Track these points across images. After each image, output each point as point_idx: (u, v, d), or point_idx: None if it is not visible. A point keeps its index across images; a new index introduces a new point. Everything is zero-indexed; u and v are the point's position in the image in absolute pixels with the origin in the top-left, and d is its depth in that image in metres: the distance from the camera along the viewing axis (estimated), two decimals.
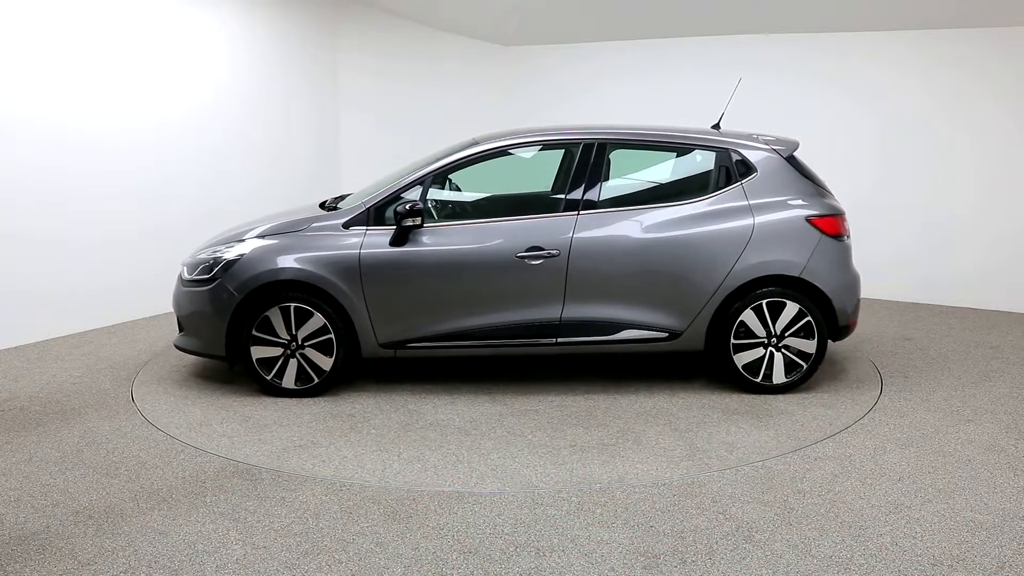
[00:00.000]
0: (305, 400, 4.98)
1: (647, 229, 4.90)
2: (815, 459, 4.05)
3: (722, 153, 5.06)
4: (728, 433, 4.38)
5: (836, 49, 8.00)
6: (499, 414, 4.73)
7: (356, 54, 8.64)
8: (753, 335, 4.95)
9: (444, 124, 9.12)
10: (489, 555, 3.14)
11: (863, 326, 6.75)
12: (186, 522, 3.39)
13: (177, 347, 5.23)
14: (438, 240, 4.91)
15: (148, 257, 6.88)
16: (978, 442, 4.28)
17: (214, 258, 5.04)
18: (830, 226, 4.96)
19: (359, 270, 4.88)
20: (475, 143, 5.15)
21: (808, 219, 4.92)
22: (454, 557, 3.13)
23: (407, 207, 4.81)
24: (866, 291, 7.66)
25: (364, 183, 6.53)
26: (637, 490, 3.70)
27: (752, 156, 5.04)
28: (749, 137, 5.16)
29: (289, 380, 5.00)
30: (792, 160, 5.08)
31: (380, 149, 8.79)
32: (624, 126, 5.30)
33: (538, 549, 3.18)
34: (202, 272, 5.04)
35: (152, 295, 6.95)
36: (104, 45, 6.39)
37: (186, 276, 5.14)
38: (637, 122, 5.60)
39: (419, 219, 4.83)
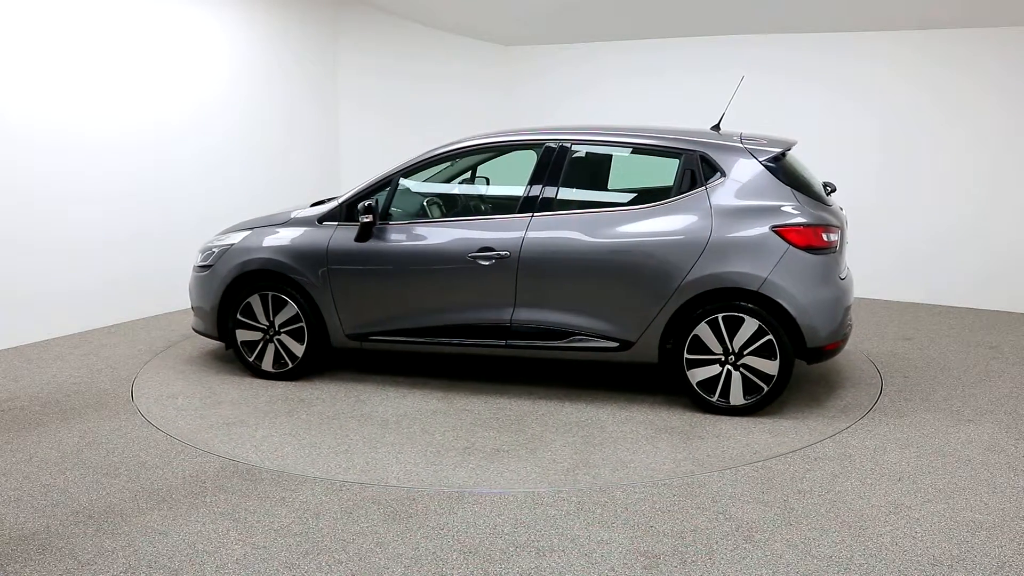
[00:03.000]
0: (277, 383, 5.26)
1: (599, 233, 4.68)
2: (815, 459, 4.05)
3: (689, 155, 4.72)
4: (634, 452, 4.13)
5: (836, 49, 8.00)
6: (432, 411, 4.76)
7: (356, 54, 8.64)
8: (709, 351, 4.59)
9: (444, 124, 9.11)
10: (489, 555, 3.14)
11: (863, 326, 6.74)
12: (186, 522, 3.39)
13: (193, 329, 5.67)
14: (399, 238, 5.05)
15: (148, 257, 6.88)
16: (978, 442, 4.28)
17: (213, 246, 5.49)
18: (801, 237, 4.49)
19: (327, 263, 5.09)
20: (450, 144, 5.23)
21: (774, 228, 4.51)
22: (454, 557, 3.13)
23: (365, 205, 4.98)
24: (866, 291, 7.69)
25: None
26: (637, 490, 3.70)
27: (721, 159, 4.68)
28: (729, 138, 4.83)
29: (268, 363, 5.31)
30: (776, 163, 4.67)
31: (380, 149, 8.79)
32: (591, 127, 5.15)
33: (538, 549, 3.18)
34: (204, 259, 5.49)
35: (152, 295, 6.96)
36: (104, 46, 6.38)
37: (196, 262, 5.59)
38: (627, 123, 5.44)
39: (371, 216, 4.99)
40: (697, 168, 4.70)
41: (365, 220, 5.00)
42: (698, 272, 4.54)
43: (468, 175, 5.73)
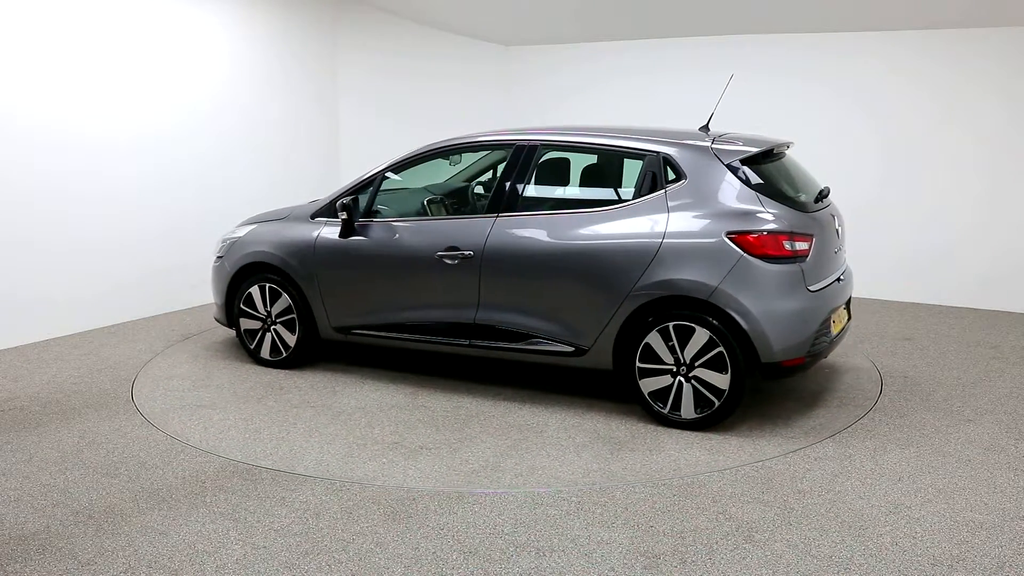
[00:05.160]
0: (271, 370, 5.52)
1: (557, 236, 4.62)
2: (815, 459, 4.05)
3: (651, 157, 4.55)
4: (552, 459, 4.05)
5: (836, 49, 7.99)
6: (392, 405, 4.85)
7: (356, 54, 8.64)
8: (661, 360, 4.42)
9: (444, 125, 9.09)
10: (489, 555, 3.14)
11: (863, 326, 6.74)
12: (186, 522, 3.40)
13: (214, 318, 5.97)
14: (377, 235, 5.17)
15: (148, 258, 6.88)
16: (978, 442, 4.28)
17: (227, 238, 5.81)
18: (758, 245, 4.22)
19: (314, 257, 5.29)
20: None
21: (729, 235, 4.27)
22: (454, 557, 3.13)
23: (341, 203, 5.14)
24: (866, 291, 7.69)
25: None
26: (637, 490, 3.70)
27: (683, 161, 4.47)
28: (700, 138, 4.65)
29: (265, 351, 5.59)
30: (747, 165, 4.45)
31: (380, 148, 8.78)
32: (562, 127, 5.12)
33: (538, 549, 3.18)
34: (219, 251, 5.81)
35: (152, 295, 6.96)
36: (104, 47, 6.38)
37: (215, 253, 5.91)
38: (615, 124, 5.40)
39: (346, 214, 5.13)
40: (659, 170, 4.51)
41: (343, 218, 5.16)
42: (649, 278, 4.36)
43: (489, 174, 5.82)
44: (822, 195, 4.84)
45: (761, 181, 4.45)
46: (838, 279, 4.74)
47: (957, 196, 7.65)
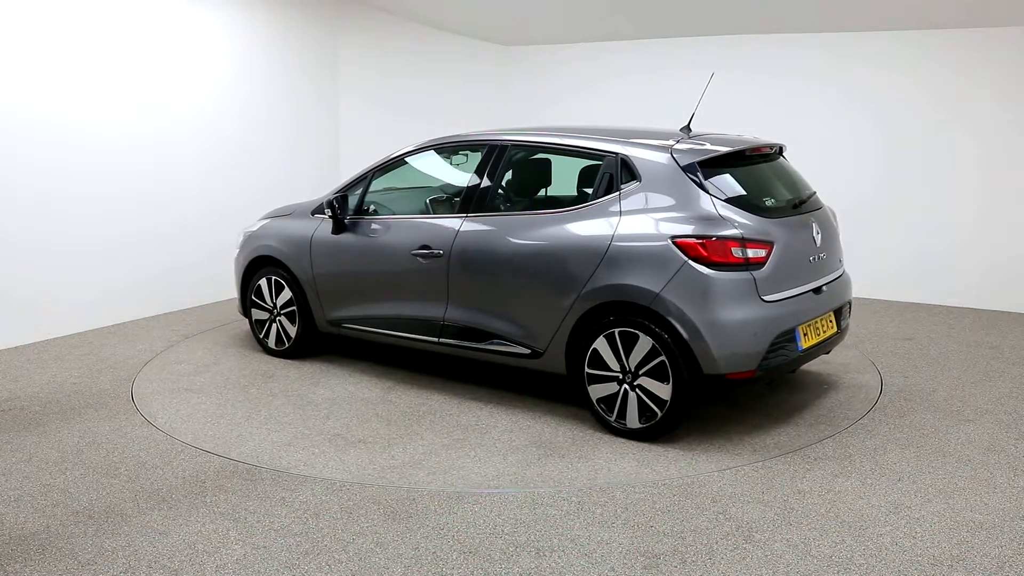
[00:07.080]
0: (274, 359, 5.77)
1: (517, 236, 4.61)
2: (815, 459, 4.05)
3: (609, 158, 4.46)
4: (473, 459, 4.03)
5: (836, 49, 7.99)
6: (361, 399, 4.95)
7: (356, 54, 8.64)
8: (607, 367, 4.30)
9: (444, 125, 9.10)
10: (489, 555, 3.14)
11: (863, 326, 6.74)
12: (186, 522, 3.40)
13: (237, 310, 6.23)
14: (363, 232, 5.32)
15: (148, 258, 6.88)
16: (978, 442, 4.28)
17: (245, 232, 6.04)
18: (704, 251, 4.04)
19: (310, 252, 5.50)
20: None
21: (673, 239, 4.11)
22: (454, 557, 3.13)
23: (327, 202, 5.37)
24: (866, 291, 7.70)
25: None
26: (637, 490, 3.70)
27: (640, 162, 4.35)
28: (664, 138, 4.53)
29: (271, 341, 5.84)
30: (708, 167, 4.29)
31: (380, 149, 8.78)
32: (528, 128, 5.13)
33: (538, 549, 3.18)
34: (239, 244, 6.06)
35: (152, 295, 6.96)
36: (105, 46, 6.38)
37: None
38: (609, 124, 5.36)
39: (331, 211, 5.34)
40: (616, 172, 4.41)
41: (329, 215, 5.38)
42: (596, 282, 4.27)
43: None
44: (802, 201, 4.65)
45: (725, 184, 4.31)
46: (816, 289, 4.49)
47: (957, 196, 7.65)
